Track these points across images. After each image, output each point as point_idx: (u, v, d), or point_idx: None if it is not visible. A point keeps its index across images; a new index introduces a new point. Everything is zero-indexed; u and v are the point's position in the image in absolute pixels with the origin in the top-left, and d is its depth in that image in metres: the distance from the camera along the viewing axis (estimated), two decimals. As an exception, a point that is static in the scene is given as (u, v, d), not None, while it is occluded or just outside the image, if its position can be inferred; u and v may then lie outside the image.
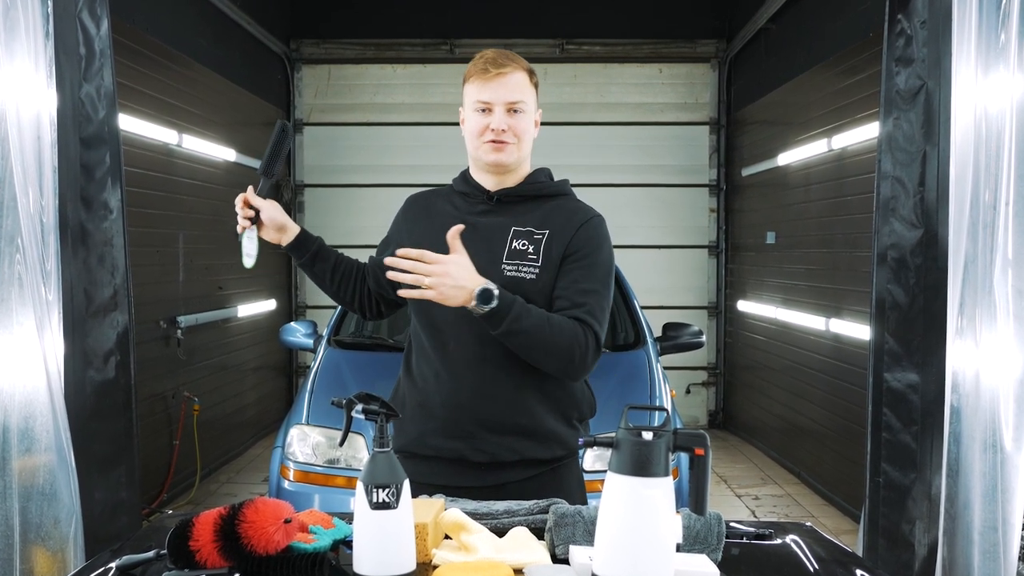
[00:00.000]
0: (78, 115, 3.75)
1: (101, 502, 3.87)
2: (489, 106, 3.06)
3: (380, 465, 2.20)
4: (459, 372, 3.06)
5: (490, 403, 3.03)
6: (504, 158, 3.08)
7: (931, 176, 3.92)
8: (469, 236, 3.01)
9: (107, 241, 3.85)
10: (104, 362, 3.85)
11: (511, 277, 3.02)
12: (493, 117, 3.06)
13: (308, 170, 12.03)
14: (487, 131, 3.07)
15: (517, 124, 3.08)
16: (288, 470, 5.62)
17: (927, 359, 3.95)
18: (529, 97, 3.11)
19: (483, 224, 3.10)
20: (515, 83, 3.07)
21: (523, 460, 3.07)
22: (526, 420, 3.05)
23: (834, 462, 8.31)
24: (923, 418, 3.97)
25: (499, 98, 3.05)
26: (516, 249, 3.06)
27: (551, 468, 3.12)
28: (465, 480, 3.05)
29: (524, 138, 3.11)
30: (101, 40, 3.81)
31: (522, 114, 3.09)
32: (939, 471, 3.80)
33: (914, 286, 3.98)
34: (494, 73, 3.05)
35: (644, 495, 2.08)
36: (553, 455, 3.11)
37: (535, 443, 3.07)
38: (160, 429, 8.07)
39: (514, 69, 3.08)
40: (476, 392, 3.04)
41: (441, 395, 3.07)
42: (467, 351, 3.05)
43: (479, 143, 3.10)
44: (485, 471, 3.07)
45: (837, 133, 8.14)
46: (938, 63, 3.86)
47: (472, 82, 3.10)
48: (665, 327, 7.19)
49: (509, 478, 3.07)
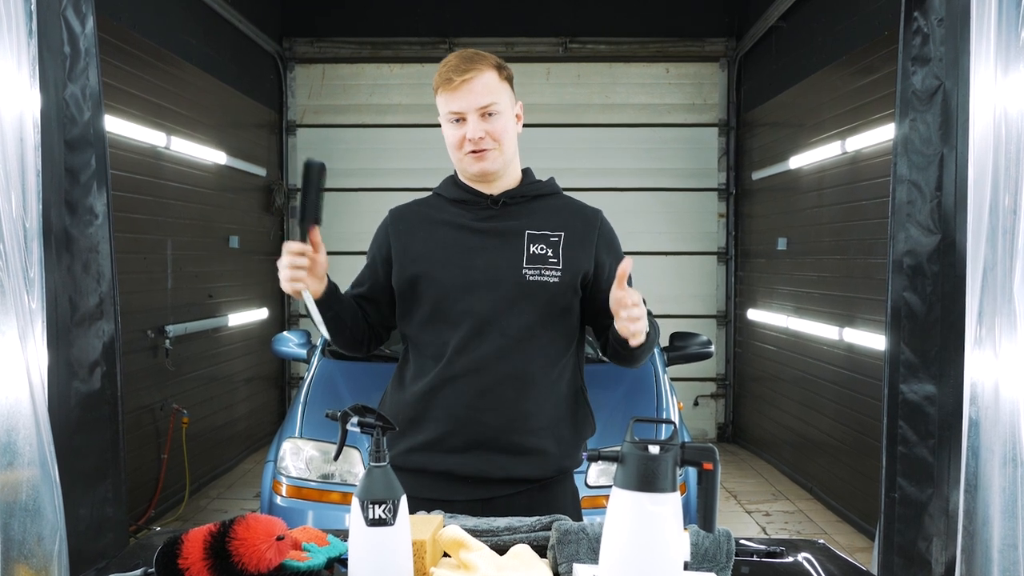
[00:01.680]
0: (62, 116, 3.75)
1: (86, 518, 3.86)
2: (461, 115, 3.06)
3: (376, 480, 2.20)
4: (458, 389, 3.06)
5: (488, 421, 3.05)
6: (488, 166, 3.09)
7: (949, 180, 3.92)
8: (480, 243, 3.04)
9: (92, 247, 3.85)
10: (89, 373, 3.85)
11: (534, 281, 3.05)
12: (468, 126, 3.05)
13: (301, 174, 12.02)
14: (465, 142, 3.07)
15: (494, 128, 3.07)
16: (281, 485, 5.62)
17: (944, 370, 3.94)
18: (501, 96, 3.09)
19: (494, 229, 3.12)
20: (483, 86, 3.05)
21: (511, 478, 3.09)
22: (521, 439, 3.07)
23: (848, 477, 8.31)
24: (940, 431, 3.96)
25: (469, 105, 3.04)
26: (535, 253, 3.09)
27: (541, 485, 3.14)
28: (451, 494, 3.07)
29: (504, 139, 3.10)
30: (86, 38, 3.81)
31: (497, 115, 3.07)
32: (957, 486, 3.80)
33: (931, 294, 3.97)
34: (459, 81, 3.03)
35: (651, 511, 2.08)
36: (543, 474, 3.12)
37: (527, 462, 3.09)
38: (148, 442, 8.06)
39: (479, 71, 3.05)
40: (474, 408, 3.06)
41: (435, 411, 3.09)
42: (472, 367, 3.06)
43: (460, 155, 3.11)
44: (471, 486, 3.09)
45: (851, 135, 8.14)
46: (956, 62, 3.86)
47: (440, 94, 3.10)
48: (672, 337, 7.19)
49: (497, 493, 3.09)
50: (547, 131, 11.52)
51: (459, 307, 3.06)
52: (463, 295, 3.05)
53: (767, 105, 10.86)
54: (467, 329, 3.04)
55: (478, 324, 3.02)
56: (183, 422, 8.42)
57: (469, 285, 3.05)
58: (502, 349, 3.04)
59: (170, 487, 8.39)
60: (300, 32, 11.95)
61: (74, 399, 3.81)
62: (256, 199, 11.10)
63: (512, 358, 3.04)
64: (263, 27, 11.08)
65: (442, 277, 3.09)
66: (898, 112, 4.06)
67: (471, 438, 3.06)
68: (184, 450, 8.48)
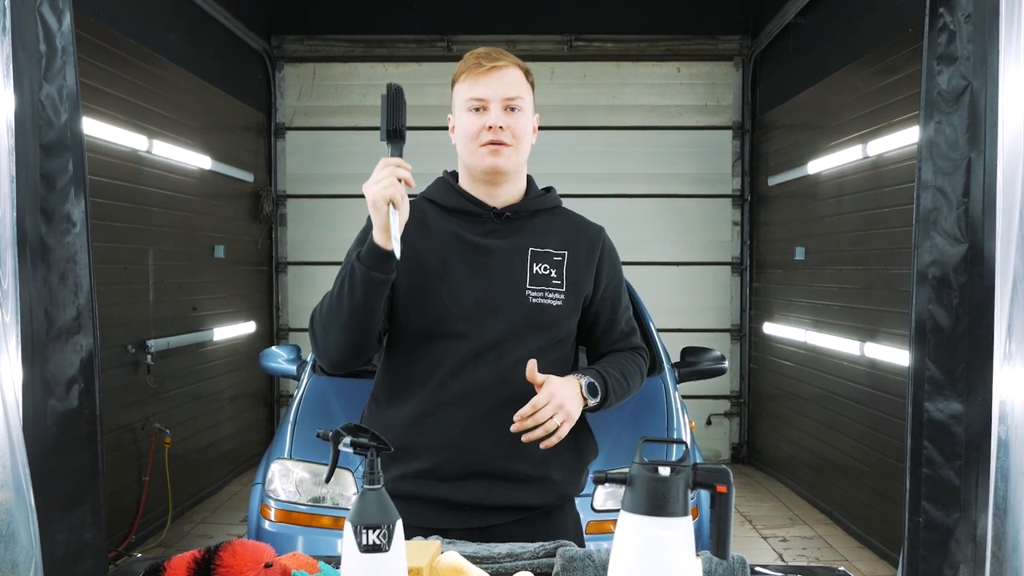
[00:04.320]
0: (38, 119, 3.74)
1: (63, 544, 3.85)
2: (484, 103, 3.05)
3: (370, 504, 2.20)
4: (452, 414, 3.05)
5: (485, 448, 3.04)
6: (502, 163, 3.07)
7: (976, 186, 3.91)
8: (483, 260, 3.04)
9: (70, 257, 3.84)
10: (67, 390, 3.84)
11: (537, 304, 3.06)
12: (489, 115, 3.04)
13: (291, 179, 12.06)
14: (483, 131, 3.05)
15: (516, 124, 3.07)
16: (269, 509, 5.61)
17: (972, 387, 3.94)
18: (527, 95, 3.11)
19: (496, 247, 3.11)
20: (512, 78, 3.07)
21: (511, 506, 3.08)
22: (522, 467, 3.06)
23: (870, 500, 8.30)
24: (968, 452, 3.95)
25: (495, 94, 3.04)
26: (538, 274, 3.09)
27: (542, 511, 3.14)
28: (448, 522, 3.06)
29: (523, 140, 3.10)
30: (63, 36, 3.80)
31: (520, 112, 3.08)
32: (985, 510, 3.79)
33: (958, 307, 3.97)
34: (489, 67, 3.05)
35: (661, 537, 2.07)
36: (544, 502, 3.12)
37: (528, 489, 3.09)
38: (128, 464, 8.06)
39: (509, 64, 3.09)
40: (471, 435, 3.04)
41: (428, 438, 3.07)
42: (468, 391, 3.04)
43: (474, 147, 3.08)
44: (469, 513, 3.08)
45: (873, 139, 8.15)
46: (984, 61, 3.86)
47: (464, 80, 3.10)
48: (684, 352, 7.19)
49: (496, 521, 3.09)
50: (551, 134, 11.46)
51: (458, 328, 3.04)
52: (463, 315, 3.03)
53: (784, 107, 10.88)
54: (465, 352, 3.02)
55: (477, 347, 3.01)
56: (166, 442, 8.41)
57: (470, 305, 3.03)
58: (500, 373, 3.02)
59: (152, 511, 8.39)
60: (289, 29, 11.97)
61: (50, 418, 3.80)
62: (243, 206, 11.12)
63: (510, 383, 3.02)
64: (250, 24, 11.10)
65: (442, 293, 3.06)
66: (922, 114, 4.06)
67: (467, 466, 3.04)
68: (167, 472, 8.48)
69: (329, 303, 3.00)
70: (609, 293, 3.21)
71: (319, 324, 3.04)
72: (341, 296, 2.94)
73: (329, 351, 3.05)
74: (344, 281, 2.94)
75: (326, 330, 3.02)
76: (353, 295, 2.91)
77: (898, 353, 7.45)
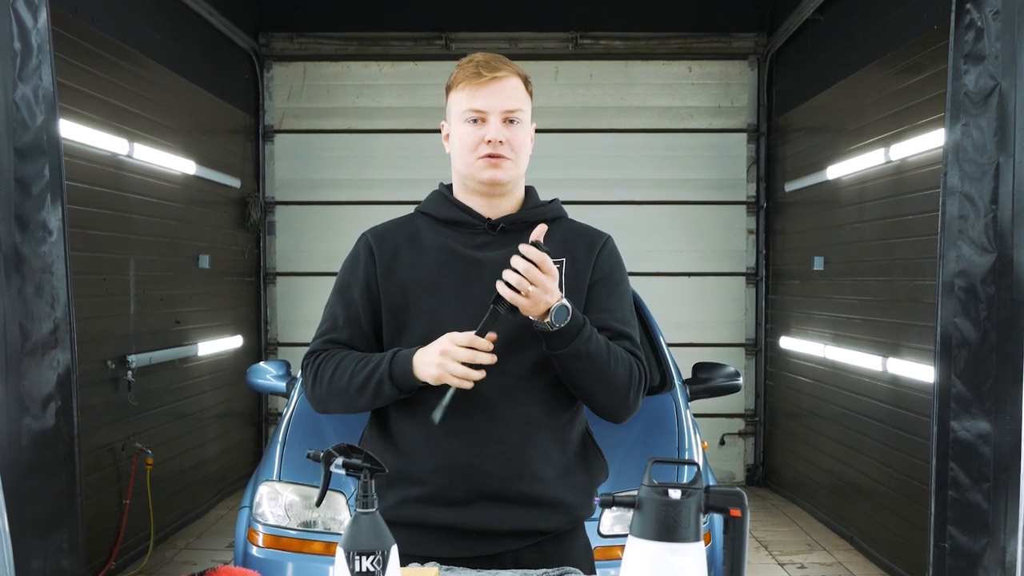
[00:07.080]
0: (12, 121, 3.75)
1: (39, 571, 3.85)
2: (483, 115, 3.07)
3: (364, 528, 2.20)
4: (457, 432, 3.04)
5: (491, 469, 3.04)
6: (501, 176, 3.10)
7: (1005, 192, 3.91)
8: (477, 273, 3.04)
9: (46, 268, 3.84)
10: (42, 408, 3.84)
11: None
12: (488, 128, 3.07)
13: (280, 185, 12.05)
14: (481, 144, 3.07)
15: (515, 136, 3.10)
16: (257, 534, 5.61)
17: (1000, 405, 3.94)
18: (526, 107, 3.14)
19: (491, 259, 3.11)
20: (512, 89, 3.10)
21: (521, 531, 3.08)
22: (530, 488, 3.06)
23: (892, 525, 8.29)
24: (996, 474, 3.96)
25: (495, 106, 3.07)
26: None
27: (553, 536, 3.13)
28: (454, 550, 3.06)
29: (522, 153, 3.13)
30: (39, 34, 3.81)
31: (519, 124, 3.11)
32: (1015, 535, 3.79)
33: (985, 320, 3.97)
34: (488, 77, 3.06)
35: (671, 563, 2.08)
36: (556, 526, 3.12)
37: (537, 513, 3.08)
38: (108, 486, 8.06)
39: (509, 74, 3.11)
40: (476, 455, 3.04)
41: (432, 459, 3.07)
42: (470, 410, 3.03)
43: (472, 159, 3.10)
44: (476, 540, 3.07)
45: (896, 142, 8.15)
46: (1013, 60, 3.86)
47: (461, 89, 3.11)
48: (696, 368, 7.19)
49: (504, 547, 3.08)
50: (555, 137, 11.44)
51: None
52: (458, 329, 3.00)
53: (802, 108, 10.88)
54: None
55: None
56: (147, 463, 8.40)
57: (464, 320, 3.02)
58: (503, 390, 3.03)
59: (133, 536, 8.38)
60: (278, 26, 11.96)
61: (25, 438, 3.80)
62: (229, 213, 11.12)
63: (514, 399, 3.03)
64: (237, 21, 11.11)
65: (435, 310, 3.09)
66: (949, 116, 4.07)
67: (473, 489, 3.05)
68: (148, 494, 8.46)
69: (340, 385, 3.11)
70: (597, 290, 3.17)
71: (322, 389, 3.16)
72: (359, 392, 3.07)
73: (326, 410, 3.24)
74: (367, 382, 3.05)
75: (328, 397, 3.16)
76: (373, 399, 3.07)
77: (922, 369, 7.45)
